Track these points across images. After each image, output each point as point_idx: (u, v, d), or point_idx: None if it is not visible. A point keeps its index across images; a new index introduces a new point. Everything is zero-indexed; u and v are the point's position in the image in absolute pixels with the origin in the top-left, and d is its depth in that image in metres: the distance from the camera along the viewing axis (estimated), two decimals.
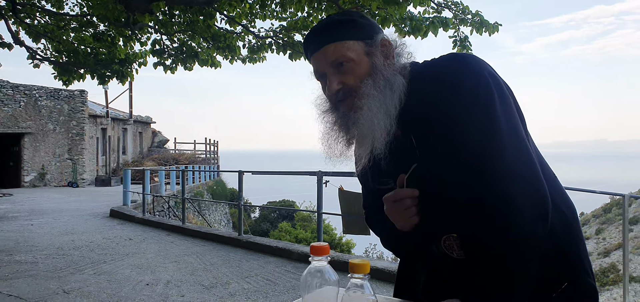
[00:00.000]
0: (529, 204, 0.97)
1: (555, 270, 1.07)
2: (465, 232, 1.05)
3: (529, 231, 0.97)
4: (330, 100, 1.14)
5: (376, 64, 1.10)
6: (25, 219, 10.04)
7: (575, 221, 1.13)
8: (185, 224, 8.77)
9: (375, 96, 1.07)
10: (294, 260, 5.93)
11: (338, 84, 1.10)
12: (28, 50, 7.77)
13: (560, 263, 1.08)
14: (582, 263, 1.11)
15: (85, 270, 5.55)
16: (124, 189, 11.91)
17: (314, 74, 1.17)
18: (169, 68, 7.75)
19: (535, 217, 0.98)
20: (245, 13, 7.09)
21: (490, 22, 6.55)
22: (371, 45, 1.11)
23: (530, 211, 0.97)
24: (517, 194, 0.97)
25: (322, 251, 0.89)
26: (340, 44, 1.09)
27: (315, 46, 1.13)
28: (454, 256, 1.08)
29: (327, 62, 1.10)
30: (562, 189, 1.15)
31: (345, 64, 1.09)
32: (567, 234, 1.10)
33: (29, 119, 20.09)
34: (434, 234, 1.11)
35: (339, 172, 5.40)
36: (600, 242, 21.88)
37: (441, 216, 1.08)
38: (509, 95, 1.08)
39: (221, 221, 18.35)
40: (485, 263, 0.99)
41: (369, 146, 1.08)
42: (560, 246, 1.08)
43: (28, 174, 20.01)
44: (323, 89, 1.16)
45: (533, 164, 1.01)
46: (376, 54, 1.11)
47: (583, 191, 4.88)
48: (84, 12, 7.53)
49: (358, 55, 1.09)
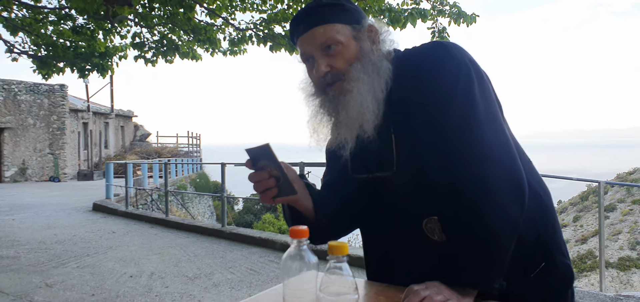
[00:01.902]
0: (506, 186, 0.99)
1: (532, 251, 1.09)
2: (446, 214, 1.06)
3: (506, 212, 0.99)
4: (318, 84, 1.14)
5: (364, 49, 1.11)
6: (6, 214, 9.93)
7: (550, 204, 1.16)
8: (168, 217, 8.79)
9: (365, 80, 1.08)
10: (278, 250, 6.02)
11: (326, 66, 1.10)
12: (6, 43, 7.66)
13: (537, 244, 1.10)
14: (557, 244, 1.14)
15: (68, 264, 5.56)
16: (107, 183, 11.82)
17: (301, 57, 1.17)
18: (150, 61, 7.72)
19: (512, 199, 1.00)
20: (226, 5, 7.10)
21: (467, 13, 6.67)
22: (359, 30, 1.12)
23: (507, 194, 0.99)
24: (495, 176, 0.99)
25: (301, 234, 0.90)
26: (329, 26, 1.10)
27: (303, 28, 1.13)
28: (435, 238, 1.09)
29: (316, 44, 1.11)
30: (537, 173, 1.19)
31: (333, 47, 1.09)
32: (543, 216, 1.12)
33: (9, 114, 19.71)
34: (415, 217, 1.11)
35: (320, 163, 5.50)
36: (577, 229, 22.40)
37: (422, 199, 1.09)
38: (488, 83, 1.10)
39: (205, 214, 18.31)
40: (464, 245, 1.01)
41: (356, 130, 1.09)
42: (537, 228, 1.10)
43: (8, 169, 19.67)
44: (309, 73, 1.16)
45: (510, 148, 1.04)
46: (364, 39, 1.12)
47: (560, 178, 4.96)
48: (62, 5, 7.45)
49: (346, 39, 1.10)
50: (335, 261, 0.86)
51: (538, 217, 1.11)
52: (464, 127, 1.02)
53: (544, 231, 1.12)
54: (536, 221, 1.10)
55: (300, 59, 1.18)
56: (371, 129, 1.08)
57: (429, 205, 1.08)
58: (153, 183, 15.66)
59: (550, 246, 1.12)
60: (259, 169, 1.09)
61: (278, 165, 1.07)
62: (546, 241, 1.11)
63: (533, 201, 1.07)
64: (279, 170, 1.08)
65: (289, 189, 1.10)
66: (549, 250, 1.12)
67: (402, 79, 1.10)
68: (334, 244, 0.86)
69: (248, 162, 1.09)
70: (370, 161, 1.15)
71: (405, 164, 1.10)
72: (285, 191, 1.10)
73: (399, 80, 1.10)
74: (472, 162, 1.01)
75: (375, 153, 1.12)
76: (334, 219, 1.23)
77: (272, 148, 1.06)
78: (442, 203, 1.06)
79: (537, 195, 1.12)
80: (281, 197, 1.11)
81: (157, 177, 16.28)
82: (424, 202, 1.09)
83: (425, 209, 1.09)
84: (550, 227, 1.13)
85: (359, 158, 1.16)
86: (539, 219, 1.11)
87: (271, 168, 1.08)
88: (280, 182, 1.10)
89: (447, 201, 1.04)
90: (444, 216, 1.07)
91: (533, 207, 1.07)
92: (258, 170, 1.09)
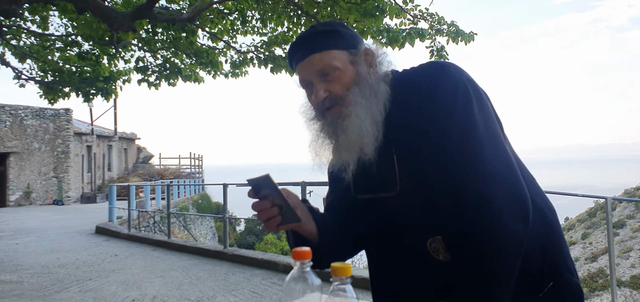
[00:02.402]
0: (509, 204, 0.98)
1: (539, 270, 1.07)
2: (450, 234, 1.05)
3: (510, 230, 0.97)
4: (317, 108, 1.16)
5: (361, 72, 1.12)
6: (10, 238, 9.96)
7: (555, 220, 1.14)
8: (170, 239, 8.79)
9: (362, 104, 1.09)
10: (280, 272, 6.00)
11: (324, 92, 1.11)
12: (14, 70, 7.82)
13: (544, 262, 1.08)
14: (564, 261, 1.11)
15: (70, 288, 5.57)
16: (110, 206, 11.85)
17: (300, 83, 1.18)
18: (153, 84, 7.83)
19: (516, 217, 0.98)
20: (227, 29, 7.23)
21: (465, 32, 6.75)
22: (355, 54, 1.14)
23: (510, 211, 0.97)
24: (497, 194, 0.98)
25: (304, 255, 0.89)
26: (326, 53, 1.12)
27: (300, 55, 1.15)
28: (440, 258, 1.08)
29: (313, 71, 1.12)
30: (541, 189, 1.17)
31: (330, 73, 1.11)
32: (548, 233, 1.10)
33: (15, 139, 19.90)
34: (420, 237, 1.10)
35: (323, 182, 5.52)
36: (586, 247, 22.04)
37: (425, 219, 1.08)
38: (487, 101, 1.10)
39: (207, 235, 18.28)
40: (469, 265, 0.99)
41: (356, 153, 1.10)
42: (542, 245, 1.08)
43: (13, 193, 19.76)
44: (309, 98, 1.18)
45: (512, 165, 1.03)
46: (360, 63, 1.13)
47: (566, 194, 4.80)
48: (69, 32, 7.61)
49: (343, 64, 1.12)
50: (339, 283, 0.84)
51: (543, 235, 1.09)
52: (464, 146, 1.02)
53: (550, 249, 1.10)
54: (541, 239, 1.08)
55: (299, 85, 1.20)
56: (372, 151, 1.09)
57: (433, 225, 1.08)
58: (155, 205, 15.68)
59: (557, 264, 1.10)
60: (262, 198, 1.11)
61: (279, 194, 1.09)
62: (553, 259, 1.10)
63: (537, 218, 1.06)
64: (281, 198, 1.09)
65: (292, 217, 1.11)
66: (556, 268, 1.10)
67: (400, 100, 1.11)
68: (337, 266, 0.85)
69: (250, 191, 1.11)
70: (373, 181, 1.15)
71: (408, 184, 1.10)
72: (289, 218, 1.12)
73: (397, 102, 1.11)
74: (473, 181, 1.00)
75: (378, 174, 1.13)
76: (339, 242, 1.23)
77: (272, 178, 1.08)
78: (445, 223, 1.05)
79: (542, 212, 1.11)
80: (285, 224, 1.12)
81: (160, 199, 16.31)
82: (427, 222, 1.09)
83: (429, 229, 1.09)
84: (556, 245, 1.11)
85: (362, 179, 1.17)
86: (544, 236, 1.09)
87: (274, 197, 1.10)
88: (283, 210, 1.11)
89: (450, 220, 1.03)
90: (447, 236, 1.06)
91: (538, 224, 1.06)
92: (261, 199, 1.11)
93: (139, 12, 5.34)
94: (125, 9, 6.60)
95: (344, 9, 5.61)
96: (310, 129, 1.19)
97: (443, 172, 1.04)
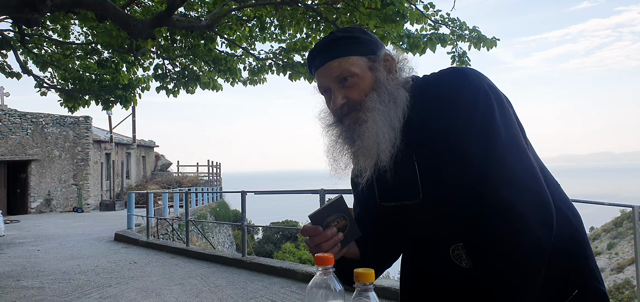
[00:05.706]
0: (532, 210, 0.97)
1: (564, 277, 1.06)
2: (472, 240, 1.04)
3: (533, 237, 0.96)
4: (335, 114, 1.16)
5: (380, 79, 1.11)
6: (32, 245, 10.09)
7: (580, 226, 1.12)
8: (189, 247, 8.79)
9: (380, 110, 1.08)
10: (299, 280, 5.93)
11: (342, 98, 1.11)
12: (35, 78, 7.94)
13: (569, 270, 1.06)
14: (591, 269, 1.09)
15: (91, 294, 5.58)
16: (128, 213, 11.96)
17: (319, 89, 1.19)
18: (171, 92, 7.86)
19: (539, 223, 0.97)
20: (245, 36, 7.22)
21: (487, 37, 6.63)
22: (374, 60, 1.13)
23: (533, 218, 0.96)
24: (520, 201, 0.97)
25: (326, 261, 0.89)
26: (344, 59, 1.11)
27: (319, 62, 1.15)
28: (463, 265, 1.08)
29: (332, 77, 1.12)
30: (565, 195, 1.15)
31: (349, 79, 1.11)
32: (573, 240, 1.09)
33: (36, 146, 20.29)
34: (443, 244, 1.10)
35: (341, 190, 5.44)
36: (612, 258, 21.48)
37: (448, 226, 1.08)
38: (509, 106, 1.09)
39: (224, 243, 18.31)
40: (491, 271, 0.99)
41: (373, 159, 1.09)
42: (568, 252, 1.07)
43: (34, 200, 20.12)
44: (327, 104, 1.18)
45: (534, 171, 1.01)
46: (379, 69, 1.12)
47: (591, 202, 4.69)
48: (89, 40, 7.70)
49: (362, 70, 1.11)
50: (362, 289, 0.84)
51: (568, 242, 1.07)
52: (486, 152, 1.01)
53: (576, 256, 1.08)
54: (567, 245, 1.06)
55: (318, 91, 1.20)
56: (388, 157, 1.08)
57: (456, 232, 1.07)
58: (173, 213, 15.77)
59: (583, 272, 1.08)
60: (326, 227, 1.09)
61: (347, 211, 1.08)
62: (578, 266, 1.08)
63: (562, 225, 1.04)
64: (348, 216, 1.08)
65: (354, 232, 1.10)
66: (581, 276, 1.08)
67: (421, 107, 1.10)
68: (360, 271, 0.85)
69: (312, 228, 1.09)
70: (397, 189, 1.14)
71: (430, 192, 1.09)
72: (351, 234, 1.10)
73: (417, 108, 1.10)
74: (495, 187, 0.99)
75: (401, 181, 1.12)
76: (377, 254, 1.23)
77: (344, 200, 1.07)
78: (468, 230, 1.04)
79: (567, 218, 1.09)
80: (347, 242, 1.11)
81: (178, 206, 16.40)
82: (450, 229, 1.08)
83: (452, 236, 1.08)
84: (582, 252, 1.09)
85: (386, 187, 1.16)
86: (570, 243, 1.07)
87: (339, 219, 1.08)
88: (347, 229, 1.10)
89: (472, 227, 1.02)
90: (470, 243, 1.05)
91: (562, 231, 1.04)
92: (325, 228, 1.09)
93: (158, 19, 5.35)
94: (144, 16, 6.65)
95: (364, 15, 5.55)
96: (328, 135, 1.19)
97: (464, 179, 1.03)
